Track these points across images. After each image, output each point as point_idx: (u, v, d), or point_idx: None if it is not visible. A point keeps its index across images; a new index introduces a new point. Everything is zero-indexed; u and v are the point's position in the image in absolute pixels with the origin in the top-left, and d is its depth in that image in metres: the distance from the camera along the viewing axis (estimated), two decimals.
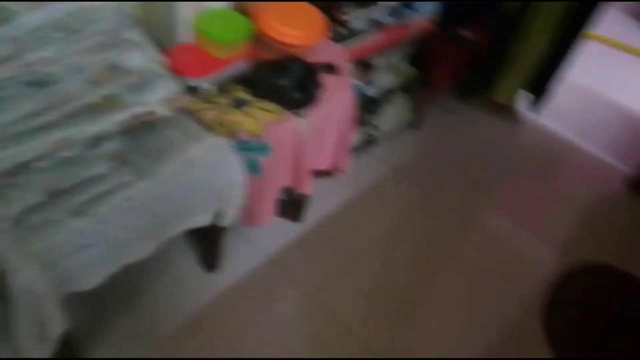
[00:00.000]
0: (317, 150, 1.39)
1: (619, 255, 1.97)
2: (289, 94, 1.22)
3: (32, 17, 0.91)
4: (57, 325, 1.02)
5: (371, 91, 1.92)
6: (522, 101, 2.51)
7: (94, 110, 0.96)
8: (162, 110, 1.03)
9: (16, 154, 0.88)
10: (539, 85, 2.36)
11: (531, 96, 2.44)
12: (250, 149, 1.25)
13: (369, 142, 2.09)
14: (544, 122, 2.56)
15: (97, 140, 0.98)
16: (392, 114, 2.12)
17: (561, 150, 2.47)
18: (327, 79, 1.31)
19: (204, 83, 1.19)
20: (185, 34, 1.21)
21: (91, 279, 1.09)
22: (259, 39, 1.26)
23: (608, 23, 2.93)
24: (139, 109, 1.00)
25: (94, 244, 1.05)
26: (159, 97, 1.03)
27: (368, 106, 2.00)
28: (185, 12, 1.17)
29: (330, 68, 1.27)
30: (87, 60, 0.95)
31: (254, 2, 1.27)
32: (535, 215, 2.08)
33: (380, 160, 2.12)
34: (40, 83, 0.91)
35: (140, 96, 1.01)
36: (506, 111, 2.54)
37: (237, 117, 1.20)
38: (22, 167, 0.89)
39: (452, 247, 1.88)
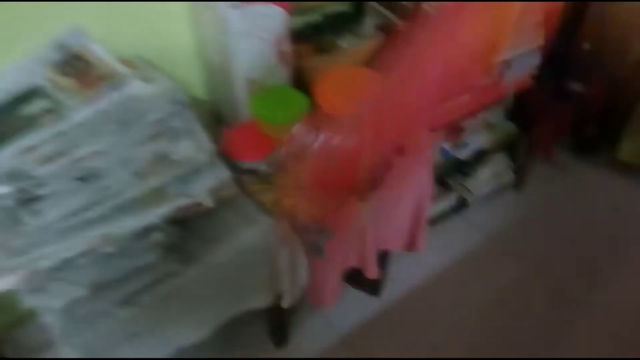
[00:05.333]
0: (387, 232, 1.28)
1: None
2: None
3: (84, 111, 0.93)
4: None
5: (462, 153, 1.76)
6: None
7: (138, 204, 0.96)
8: (207, 202, 1.00)
9: (60, 250, 0.89)
10: None
11: None
12: (312, 231, 1.18)
13: (460, 206, 1.91)
14: None
15: (142, 233, 0.97)
16: (488, 176, 1.92)
17: None
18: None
19: (261, 165, 1.15)
20: (244, 114, 1.19)
21: None
22: (320, 114, 1.20)
23: None
24: (183, 201, 0.98)
25: (144, 332, 1.04)
26: (206, 187, 1.00)
27: (459, 169, 1.83)
28: (242, 93, 1.15)
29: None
30: (135, 153, 0.96)
31: (312, 75, 1.22)
32: None
33: (474, 226, 1.92)
34: (87, 178, 0.93)
35: (186, 187, 1.00)
36: (635, 172, 2.17)
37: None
38: (66, 263, 0.90)
39: (558, 336, 1.61)
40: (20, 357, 1.34)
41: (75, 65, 1.04)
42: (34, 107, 0.96)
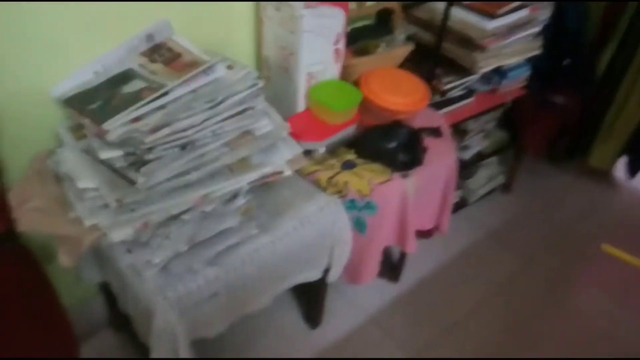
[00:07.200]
0: (421, 211, 1.44)
1: None
2: (396, 156, 1.30)
3: (182, 90, 1.06)
4: None
5: (465, 155, 1.97)
6: (618, 167, 2.43)
7: (230, 170, 1.09)
8: (287, 171, 1.14)
9: (169, 206, 1.01)
10: (636, 150, 2.29)
11: (628, 161, 2.36)
12: (358, 207, 1.33)
13: (460, 205, 2.11)
14: None
15: (231, 197, 1.10)
16: (484, 177, 2.14)
17: None
18: (431, 143, 1.38)
19: (319, 147, 1.30)
20: (301, 104, 1.35)
21: (216, 327, 1.18)
22: (366, 106, 1.37)
23: None
24: (267, 170, 1.12)
25: (223, 293, 1.14)
26: (284, 159, 1.15)
27: (462, 169, 2.04)
28: (302, 85, 1.31)
29: (435, 132, 1.35)
30: (226, 127, 1.09)
31: (361, 72, 1.40)
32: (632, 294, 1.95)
33: (472, 223, 2.12)
34: (187, 146, 1.05)
35: (268, 158, 1.14)
36: (602, 177, 2.46)
37: (347, 178, 1.29)
38: (173, 219, 1.01)
39: (549, 319, 1.81)
40: None
41: (162, 53, 1.18)
42: (133, 86, 1.09)
